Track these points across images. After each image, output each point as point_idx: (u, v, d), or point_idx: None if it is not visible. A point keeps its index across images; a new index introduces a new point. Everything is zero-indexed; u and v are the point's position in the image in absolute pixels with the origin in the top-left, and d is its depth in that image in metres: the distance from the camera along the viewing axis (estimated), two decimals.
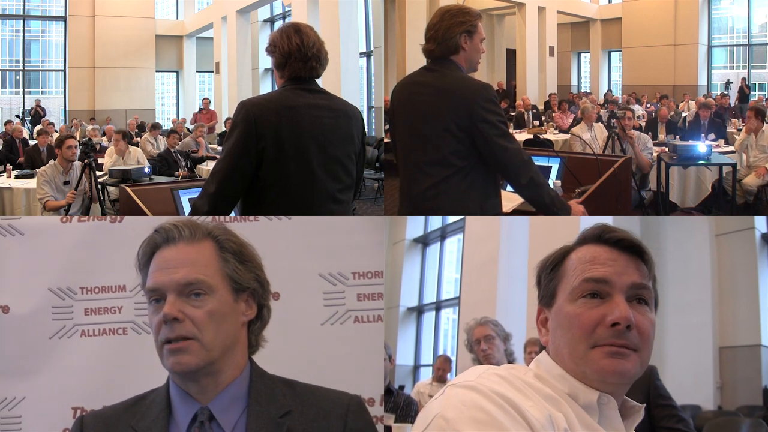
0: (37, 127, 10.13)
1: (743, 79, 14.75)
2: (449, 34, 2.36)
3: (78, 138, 6.51)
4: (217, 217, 2.27)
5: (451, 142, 2.29)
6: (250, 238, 1.26)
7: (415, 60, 11.30)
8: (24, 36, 16.11)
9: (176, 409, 1.16)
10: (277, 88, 2.33)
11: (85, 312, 2.40)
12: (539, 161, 3.62)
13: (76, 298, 2.41)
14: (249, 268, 1.19)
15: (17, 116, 14.16)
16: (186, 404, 1.16)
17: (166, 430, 1.15)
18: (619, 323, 0.97)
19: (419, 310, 4.75)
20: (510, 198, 2.99)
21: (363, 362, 2.34)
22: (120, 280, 2.39)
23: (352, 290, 2.36)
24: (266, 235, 2.30)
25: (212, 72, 15.31)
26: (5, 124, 11.09)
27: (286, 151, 2.17)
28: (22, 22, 16.06)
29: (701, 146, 5.79)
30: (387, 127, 8.98)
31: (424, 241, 4.81)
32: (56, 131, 10.11)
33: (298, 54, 2.21)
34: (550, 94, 13.50)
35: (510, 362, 2.94)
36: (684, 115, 10.46)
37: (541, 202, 2.34)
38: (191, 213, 2.27)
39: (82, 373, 2.37)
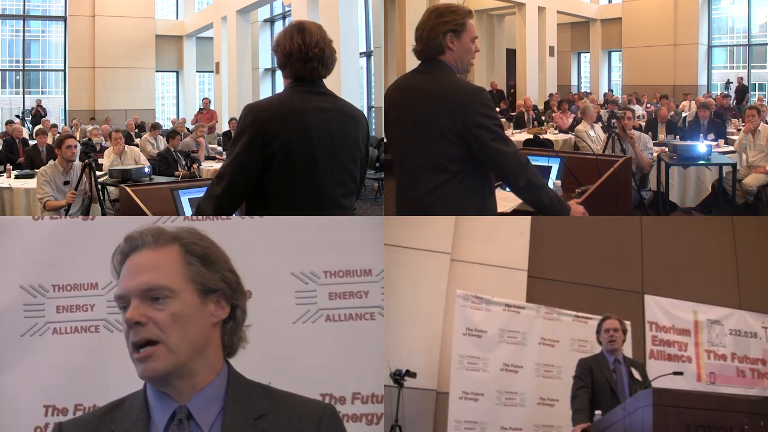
0: (37, 127, 10.13)
1: (740, 78, 14.78)
2: (433, 35, 2.33)
3: (78, 138, 6.51)
4: (189, 216, 2.25)
5: (446, 148, 2.27)
6: (222, 236, 1.26)
7: (415, 60, 11.26)
8: (24, 36, 16.11)
9: (154, 410, 1.18)
10: (283, 88, 2.30)
11: (57, 309, 2.41)
12: (539, 161, 3.63)
13: (48, 296, 2.41)
14: (214, 269, 1.20)
15: (17, 116, 14.15)
16: (164, 404, 1.17)
17: (146, 431, 1.16)
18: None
19: None
20: (509, 198, 2.99)
21: (334, 361, 2.35)
22: (92, 278, 2.38)
23: (324, 289, 2.38)
24: (239, 233, 2.31)
25: (212, 72, 15.30)
26: (6, 124, 11.09)
27: (294, 156, 2.16)
28: (22, 22, 16.06)
29: (701, 146, 5.79)
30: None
31: None
32: (59, 132, 10.10)
33: (298, 54, 2.19)
34: (550, 94, 13.50)
35: None
36: (684, 115, 10.46)
37: (539, 203, 2.33)
38: (195, 214, 2.27)
39: (54, 370, 2.37)
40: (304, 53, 2.19)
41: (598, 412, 2.88)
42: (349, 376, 2.34)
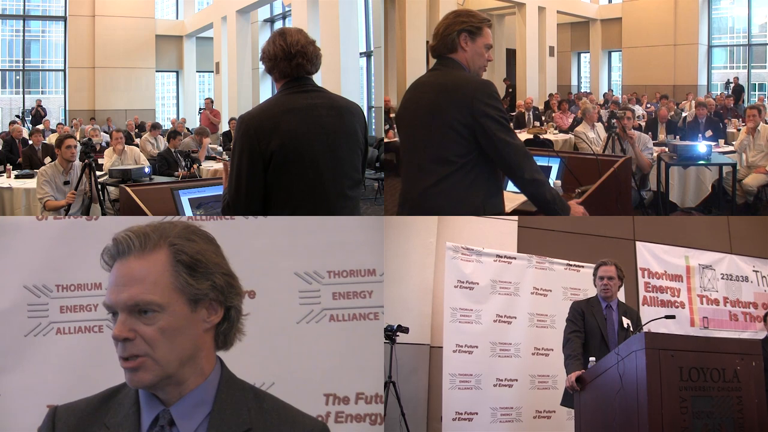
0: (34, 128, 10.11)
1: (735, 78, 14.80)
2: (448, 31, 2.39)
3: (78, 138, 6.51)
4: (191, 217, 2.22)
5: (453, 139, 2.30)
6: (225, 237, 1.23)
7: (415, 60, 11.30)
8: (24, 36, 16.11)
9: (143, 408, 1.17)
10: (276, 93, 2.34)
11: (61, 310, 2.41)
12: (539, 161, 3.62)
13: (51, 296, 2.42)
14: (204, 276, 1.14)
15: (17, 116, 14.15)
16: (150, 405, 1.16)
17: (136, 427, 1.15)
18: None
19: None
20: (510, 198, 3.00)
21: (338, 361, 2.35)
22: (95, 278, 2.39)
23: (328, 289, 2.38)
24: (242, 234, 2.31)
25: (212, 72, 15.30)
26: (10, 125, 11.07)
27: (292, 156, 2.18)
28: (22, 22, 16.06)
29: (701, 146, 5.79)
30: (387, 127, 8.98)
31: None
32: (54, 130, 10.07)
33: (282, 54, 2.26)
34: (550, 94, 13.50)
35: None
36: (684, 115, 10.47)
37: (543, 199, 2.35)
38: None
39: (57, 370, 2.37)
40: (287, 52, 2.25)
41: (592, 359, 2.88)
42: (353, 376, 2.34)
